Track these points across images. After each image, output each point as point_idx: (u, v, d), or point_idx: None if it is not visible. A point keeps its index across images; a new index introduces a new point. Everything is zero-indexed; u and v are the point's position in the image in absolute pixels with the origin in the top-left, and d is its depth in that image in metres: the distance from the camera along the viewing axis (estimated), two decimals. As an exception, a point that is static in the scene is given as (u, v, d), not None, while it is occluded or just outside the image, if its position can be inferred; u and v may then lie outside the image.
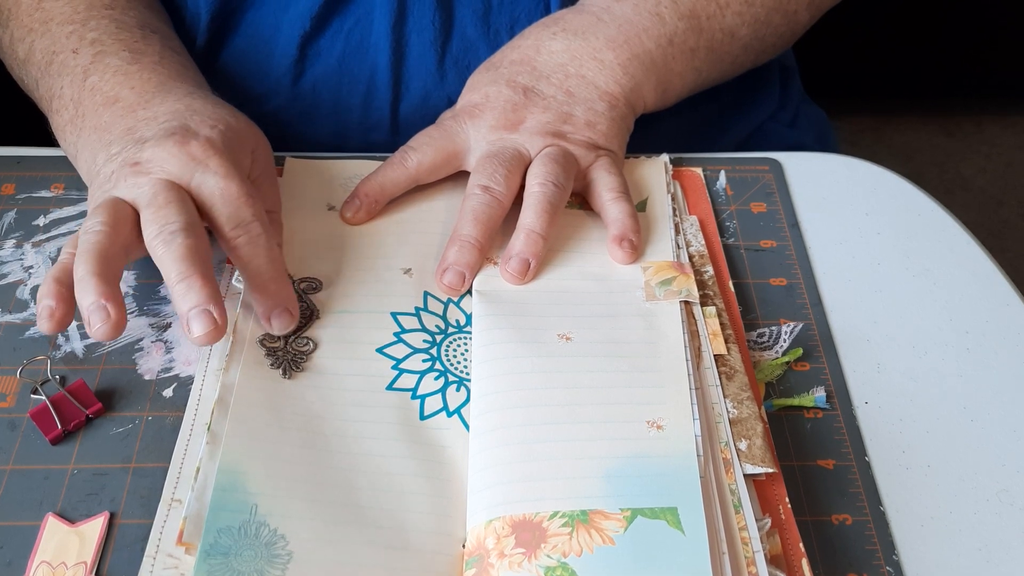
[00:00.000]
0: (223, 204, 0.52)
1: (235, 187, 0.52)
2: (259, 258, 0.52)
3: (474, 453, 0.49)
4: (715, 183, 0.66)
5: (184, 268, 0.49)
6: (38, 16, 0.63)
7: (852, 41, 1.69)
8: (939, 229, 0.64)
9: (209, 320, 0.48)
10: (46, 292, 0.50)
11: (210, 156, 0.53)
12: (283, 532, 0.45)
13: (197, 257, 0.49)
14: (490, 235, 0.58)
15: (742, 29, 0.66)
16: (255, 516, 0.45)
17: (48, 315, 0.49)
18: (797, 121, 0.82)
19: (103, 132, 0.56)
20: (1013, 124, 1.87)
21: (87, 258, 0.49)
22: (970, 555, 0.48)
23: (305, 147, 0.71)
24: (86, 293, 0.48)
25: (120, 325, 0.48)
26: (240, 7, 0.69)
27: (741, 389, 0.52)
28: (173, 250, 0.49)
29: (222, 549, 0.44)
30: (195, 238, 0.50)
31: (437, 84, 0.70)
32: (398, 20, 0.68)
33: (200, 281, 0.49)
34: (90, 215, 0.51)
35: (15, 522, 0.47)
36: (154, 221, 0.50)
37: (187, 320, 0.49)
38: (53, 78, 0.60)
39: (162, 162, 0.52)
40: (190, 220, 0.51)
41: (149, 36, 0.62)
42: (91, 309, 0.48)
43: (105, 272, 0.49)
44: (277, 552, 0.44)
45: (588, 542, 0.44)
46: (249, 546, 0.44)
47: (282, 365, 0.52)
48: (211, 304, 0.49)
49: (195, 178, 0.52)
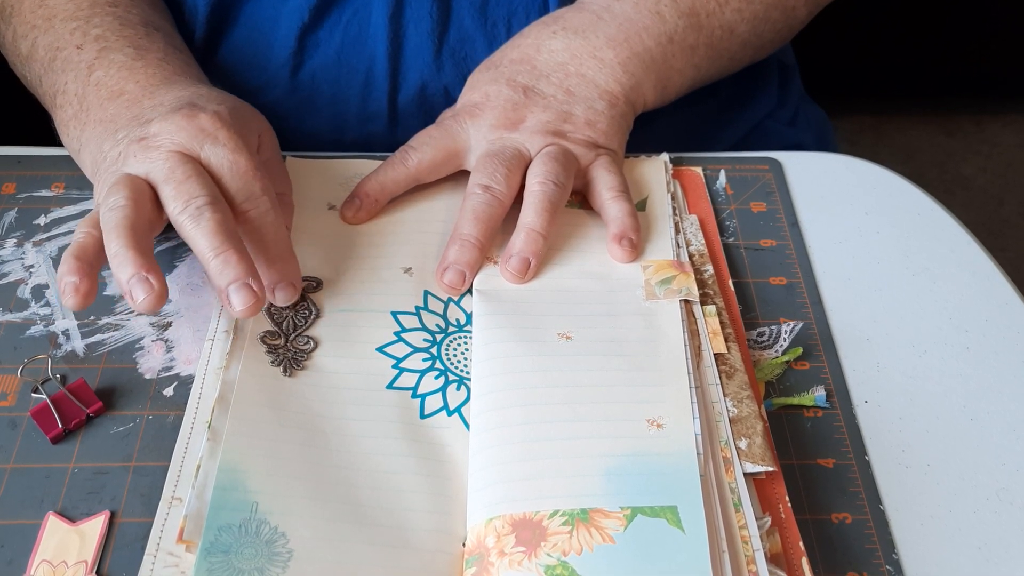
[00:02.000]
0: (232, 177, 0.52)
1: (244, 160, 0.52)
2: (268, 230, 0.52)
3: (474, 452, 0.49)
4: (715, 182, 0.66)
5: (218, 243, 0.49)
6: (41, 13, 0.63)
7: (852, 40, 1.69)
8: (939, 229, 0.64)
9: (250, 293, 0.49)
10: (67, 270, 0.49)
11: (219, 128, 0.53)
12: (284, 530, 0.45)
13: (228, 231, 0.50)
14: (491, 234, 0.58)
15: (741, 26, 0.66)
16: (255, 514, 0.45)
17: (73, 290, 0.49)
18: (797, 120, 0.82)
19: (108, 124, 0.56)
20: (1013, 123, 1.87)
21: (118, 232, 0.48)
22: (970, 554, 0.48)
23: (303, 138, 0.71)
24: (125, 266, 0.48)
25: (163, 295, 0.48)
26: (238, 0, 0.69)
27: (741, 388, 0.52)
28: (203, 225, 0.49)
29: (222, 547, 0.44)
30: (222, 212, 0.50)
31: (434, 75, 0.70)
32: (396, 11, 0.68)
33: (236, 255, 0.49)
34: (108, 194, 0.51)
35: (16, 521, 0.47)
36: (177, 197, 0.50)
37: (227, 294, 0.49)
38: (57, 74, 0.60)
39: (170, 134, 0.52)
40: (213, 193, 0.51)
41: (153, 33, 0.62)
42: (133, 282, 0.48)
43: (139, 244, 0.48)
44: (278, 550, 0.44)
45: (588, 540, 0.44)
46: (250, 544, 0.44)
47: (283, 363, 0.52)
48: (250, 277, 0.49)
49: (205, 150, 0.52)
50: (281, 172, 0.60)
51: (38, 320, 0.56)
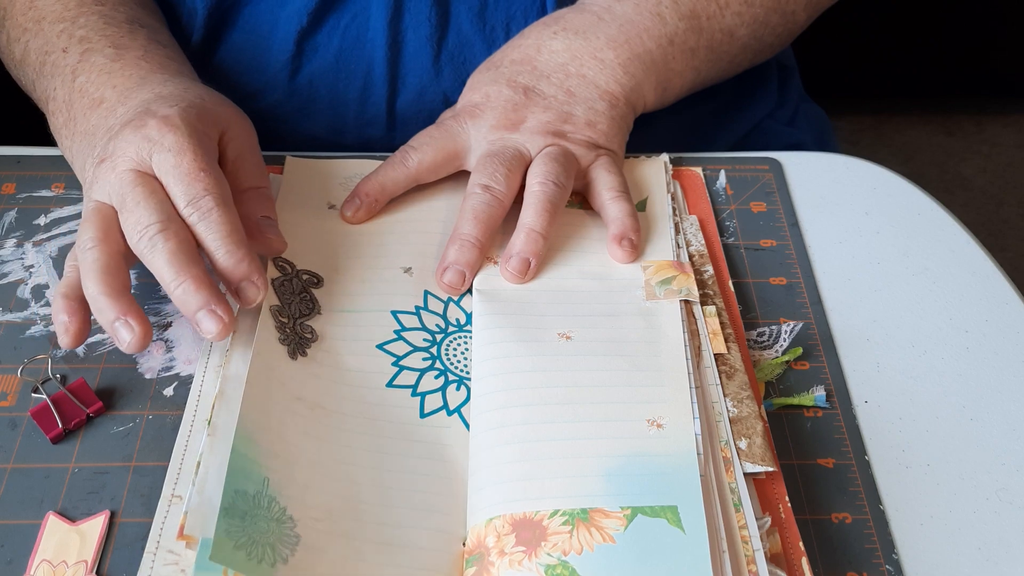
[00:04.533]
0: (175, 181, 0.51)
1: (187, 162, 0.51)
2: (212, 232, 0.51)
3: (474, 451, 0.49)
4: (715, 183, 0.66)
5: (175, 272, 0.49)
6: (31, 15, 0.63)
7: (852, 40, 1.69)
8: (939, 228, 0.64)
9: (216, 319, 0.49)
10: (58, 309, 0.51)
11: (164, 134, 0.52)
12: (291, 513, 0.44)
13: (184, 256, 0.50)
14: (490, 234, 0.58)
15: (741, 29, 0.66)
16: (267, 489, 0.45)
17: (64, 331, 0.51)
18: (796, 120, 0.82)
19: (90, 136, 0.56)
20: (1013, 123, 1.87)
21: (92, 277, 0.49)
22: (969, 553, 0.48)
23: (301, 142, 0.71)
24: (103, 312, 0.49)
25: (147, 334, 0.49)
26: (237, 3, 0.69)
27: (741, 388, 0.52)
28: (158, 256, 0.49)
29: (239, 511, 0.43)
30: (175, 237, 0.50)
31: (433, 80, 0.70)
32: (394, 16, 0.68)
33: (195, 283, 0.49)
34: (80, 231, 0.51)
35: (16, 520, 0.47)
36: (132, 226, 0.50)
37: (196, 322, 0.50)
38: (47, 79, 0.60)
39: (123, 151, 0.52)
40: (165, 216, 0.50)
41: (136, 31, 0.62)
42: (115, 327, 0.49)
43: (112, 288, 0.49)
44: (287, 532, 0.44)
45: (588, 540, 0.44)
46: (263, 517, 0.44)
47: (289, 343, 0.52)
48: (213, 303, 0.49)
49: (153, 159, 0.52)
50: (254, 166, 0.58)
51: (38, 320, 0.56)
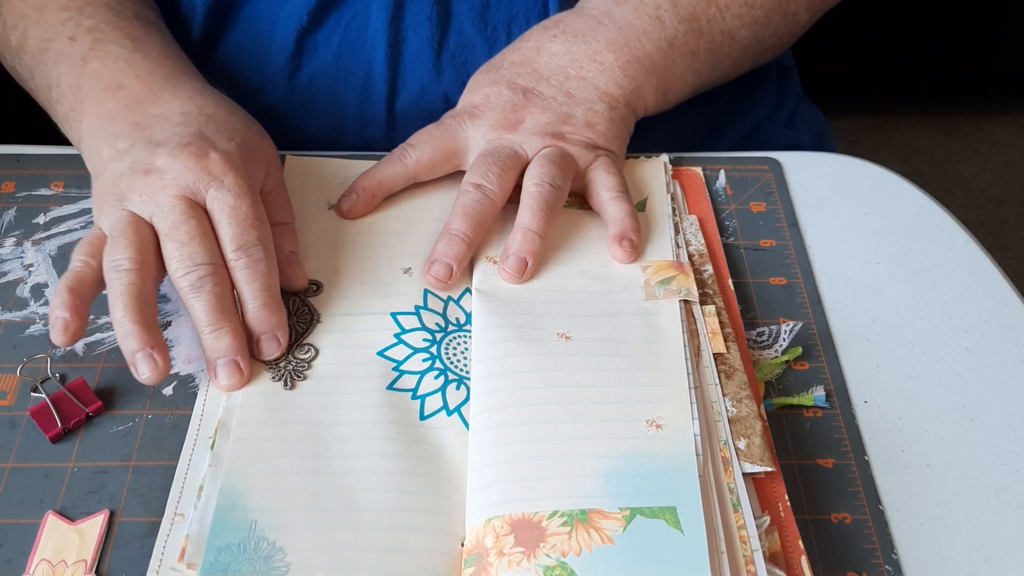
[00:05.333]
0: (230, 223, 0.52)
1: (245, 208, 0.53)
2: (255, 283, 0.52)
3: (473, 452, 0.49)
4: (715, 182, 0.66)
5: (215, 319, 0.51)
6: (32, 3, 0.62)
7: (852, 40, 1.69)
8: (938, 229, 0.64)
9: (236, 370, 0.51)
10: (60, 303, 0.50)
11: (227, 173, 0.53)
12: (281, 544, 0.45)
13: (226, 306, 0.51)
14: (479, 231, 0.58)
15: (742, 31, 0.66)
16: (254, 532, 0.45)
17: (62, 327, 0.50)
18: (794, 121, 0.82)
19: (107, 120, 0.56)
20: (1013, 123, 1.87)
21: (124, 302, 0.50)
22: (969, 554, 0.48)
23: (301, 141, 0.71)
24: (129, 340, 0.49)
25: (167, 370, 0.50)
26: (236, 0, 0.69)
27: (740, 388, 0.52)
28: (203, 299, 0.51)
29: (222, 567, 0.44)
30: (222, 285, 0.51)
31: (433, 80, 0.70)
32: (395, 15, 0.67)
33: (230, 335, 0.51)
34: (113, 245, 0.51)
35: (15, 520, 0.47)
36: (180, 259, 0.51)
37: (215, 367, 0.51)
38: (49, 66, 0.60)
39: (178, 174, 0.53)
40: (214, 260, 0.51)
41: (148, 27, 0.62)
42: (138, 357, 0.49)
43: (144, 317, 0.50)
44: (275, 564, 0.44)
45: (587, 541, 0.44)
46: (248, 561, 0.44)
47: (283, 377, 0.52)
48: (239, 355, 0.51)
49: (210, 193, 0.53)
50: (284, 202, 0.59)
51: (37, 319, 0.56)
